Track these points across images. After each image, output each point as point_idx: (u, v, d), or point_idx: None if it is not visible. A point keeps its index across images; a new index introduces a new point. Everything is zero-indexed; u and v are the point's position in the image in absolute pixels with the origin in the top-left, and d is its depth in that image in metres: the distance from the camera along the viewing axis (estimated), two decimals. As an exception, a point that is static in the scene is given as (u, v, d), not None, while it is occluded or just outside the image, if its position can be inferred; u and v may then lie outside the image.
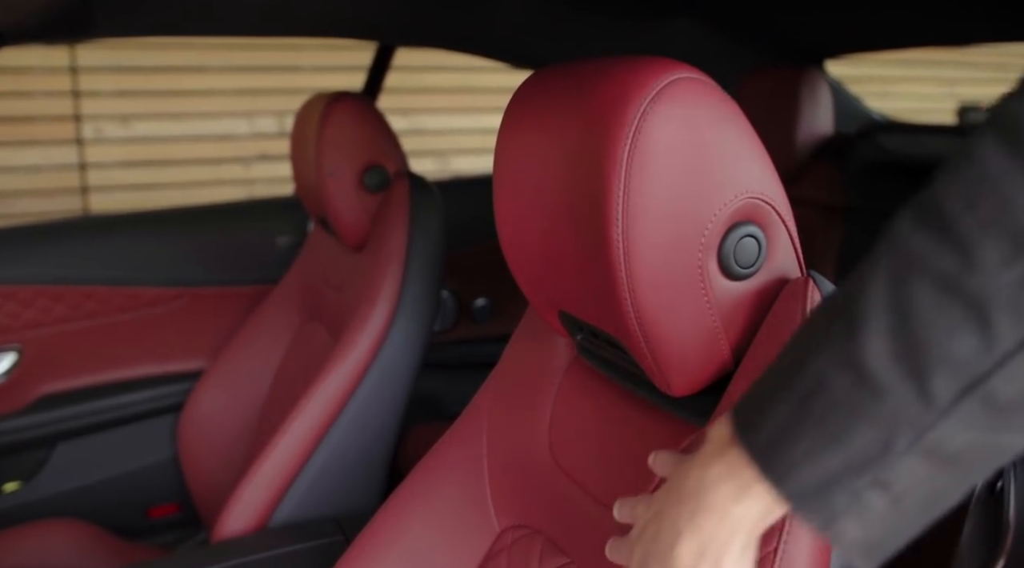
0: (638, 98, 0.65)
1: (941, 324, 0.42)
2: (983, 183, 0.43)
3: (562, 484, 0.87)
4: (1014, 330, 0.41)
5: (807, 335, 0.49)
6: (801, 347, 0.49)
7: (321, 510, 1.36)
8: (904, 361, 0.43)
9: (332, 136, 1.42)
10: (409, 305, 1.38)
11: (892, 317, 0.44)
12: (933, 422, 0.43)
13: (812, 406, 0.46)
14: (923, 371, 0.43)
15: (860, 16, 1.59)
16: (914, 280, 0.44)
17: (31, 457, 1.75)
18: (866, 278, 0.46)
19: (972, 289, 0.42)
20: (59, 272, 1.75)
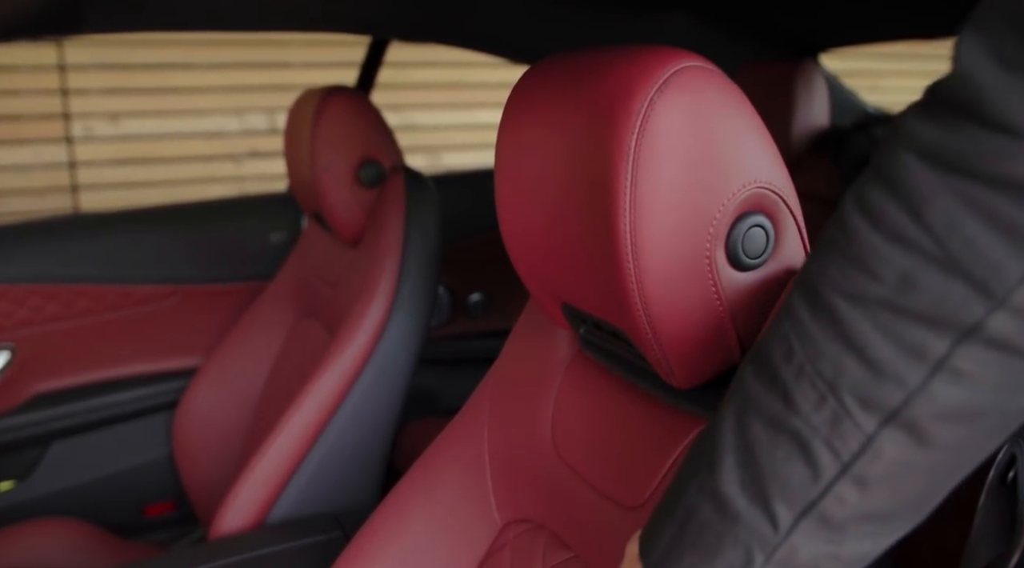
0: (645, 88, 0.65)
1: (776, 457, 0.49)
2: (796, 337, 0.49)
3: (565, 478, 0.87)
4: (834, 461, 0.48)
5: (685, 468, 0.57)
6: (681, 478, 0.57)
7: (319, 506, 1.35)
8: (751, 489, 0.50)
9: (326, 131, 1.41)
10: (406, 300, 1.37)
11: (739, 453, 0.52)
12: (780, 541, 0.50)
13: (687, 530, 0.54)
14: (766, 498, 0.50)
15: (853, 9, 1.60)
16: (752, 420, 0.51)
17: (25, 456, 1.73)
18: (721, 417, 0.54)
19: (795, 427, 0.49)
20: (51, 270, 1.74)
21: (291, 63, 3.10)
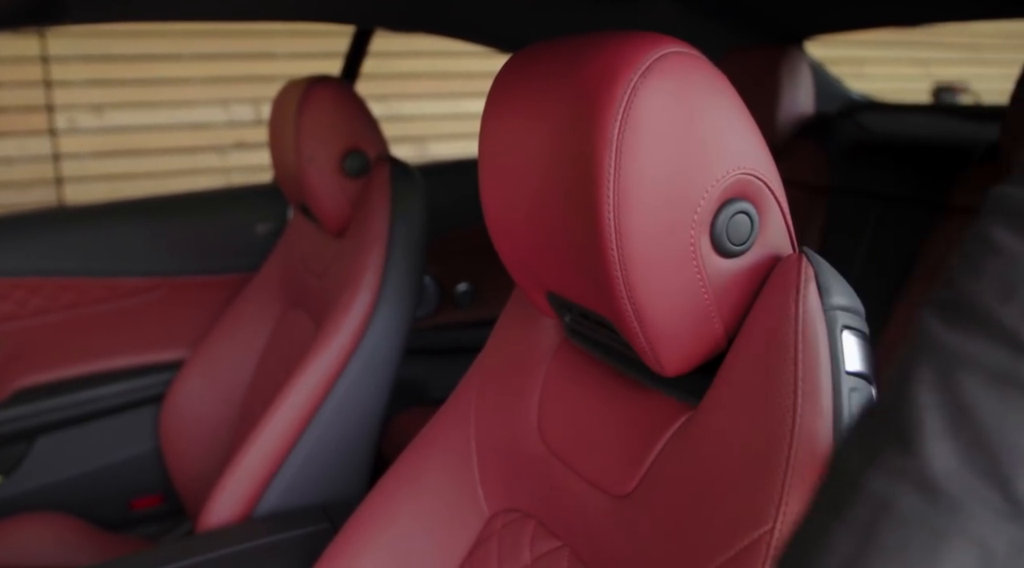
0: (627, 73, 0.64)
1: (1009, 420, 0.38)
2: (1013, 270, 0.40)
3: (552, 466, 0.87)
4: None
5: (847, 458, 0.43)
6: (842, 473, 0.43)
7: (307, 498, 1.34)
8: (975, 465, 0.39)
9: (311, 121, 1.41)
10: (392, 291, 1.36)
11: (951, 420, 0.40)
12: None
13: (879, 534, 0.40)
14: (1001, 474, 0.38)
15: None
16: (965, 378, 0.40)
17: (11, 451, 1.72)
18: (902, 386, 0.41)
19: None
20: (35, 264, 1.73)
21: (276, 53, 3.08)
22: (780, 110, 1.68)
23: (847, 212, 1.61)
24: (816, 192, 1.66)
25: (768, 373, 0.66)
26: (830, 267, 0.69)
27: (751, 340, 0.68)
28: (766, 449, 0.64)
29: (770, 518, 0.63)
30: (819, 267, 0.68)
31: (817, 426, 0.64)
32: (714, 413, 0.69)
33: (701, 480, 0.68)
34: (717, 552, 0.65)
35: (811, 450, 0.63)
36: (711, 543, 0.66)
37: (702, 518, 0.67)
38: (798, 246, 0.72)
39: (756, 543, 0.63)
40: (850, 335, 0.66)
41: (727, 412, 0.68)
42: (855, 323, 0.67)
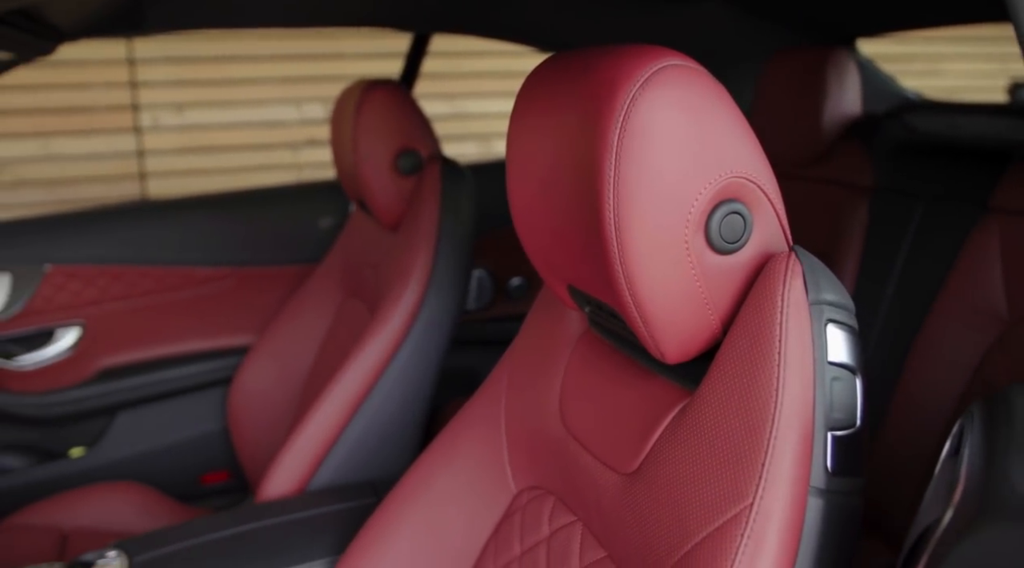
0: (627, 85, 0.70)
1: None
2: None
3: (571, 447, 0.94)
4: None
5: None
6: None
7: (357, 475, 1.43)
8: None
9: (367, 122, 1.49)
10: (440, 283, 1.44)
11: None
12: None
13: None
14: None
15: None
16: None
17: (94, 425, 1.86)
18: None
19: None
20: (118, 253, 1.86)
21: (346, 54, 3.19)
22: (826, 111, 1.71)
23: (890, 211, 1.64)
24: (859, 192, 1.68)
25: (754, 361, 0.71)
26: (822, 265, 0.74)
27: (742, 331, 0.73)
28: (750, 432, 0.70)
29: (750, 494, 0.69)
30: (808, 264, 0.73)
31: (797, 411, 0.69)
32: (707, 398, 0.75)
33: (694, 459, 0.74)
34: (704, 525, 0.71)
35: (792, 432, 0.69)
36: (700, 517, 0.72)
37: (693, 494, 0.73)
38: (839, 244, 0.76)
39: (737, 517, 0.69)
40: (835, 328, 0.72)
41: (718, 397, 0.74)
42: (842, 318, 0.72)
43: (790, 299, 0.71)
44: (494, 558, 1.02)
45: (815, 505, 0.69)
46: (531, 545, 0.97)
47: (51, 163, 2.94)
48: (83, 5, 1.35)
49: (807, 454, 0.69)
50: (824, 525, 0.69)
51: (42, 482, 1.84)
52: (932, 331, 1.50)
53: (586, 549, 0.89)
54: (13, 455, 1.86)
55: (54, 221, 1.86)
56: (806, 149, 1.76)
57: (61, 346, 1.86)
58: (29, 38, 1.37)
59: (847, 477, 0.70)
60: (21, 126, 2.88)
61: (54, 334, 1.86)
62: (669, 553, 0.74)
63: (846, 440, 0.71)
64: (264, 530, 1.26)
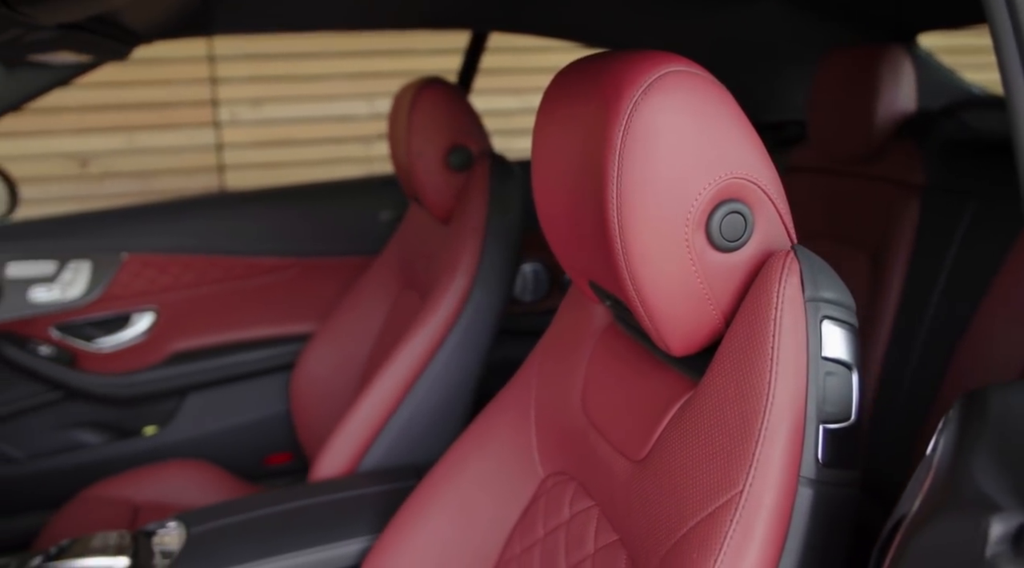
0: (631, 90, 0.74)
1: None
2: None
3: (590, 435, 0.98)
4: None
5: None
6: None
7: (403, 459, 1.50)
8: None
9: (420, 120, 1.55)
10: (486, 274, 1.49)
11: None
12: None
13: None
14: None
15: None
16: None
17: (166, 405, 1.97)
18: None
19: None
20: (190, 243, 1.96)
21: (417, 50, 3.26)
22: (879, 109, 1.70)
23: (941, 210, 1.63)
24: (911, 189, 1.67)
25: (750, 355, 0.74)
26: (823, 264, 0.77)
27: (740, 325, 0.76)
28: (744, 422, 0.73)
29: (741, 482, 0.72)
30: (807, 262, 0.75)
31: (788, 403, 0.72)
32: (708, 389, 0.78)
33: (693, 447, 0.78)
34: (698, 510, 0.75)
35: (784, 423, 0.72)
36: (695, 502, 0.75)
37: (690, 481, 0.77)
38: (891, 243, 0.77)
39: (728, 503, 0.72)
40: (832, 325, 0.74)
41: (717, 389, 0.77)
42: (840, 315, 0.75)
43: (785, 295, 0.73)
44: (520, 540, 1.07)
45: (805, 494, 0.71)
46: (553, 528, 1.02)
47: (135, 156, 3.09)
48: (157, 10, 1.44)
49: (798, 445, 0.72)
50: (814, 513, 0.72)
51: (116, 458, 1.95)
52: (979, 330, 1.49)
53: (600, 532, 0.93)
54: (91, 431, 1.98)
55: (131, 212, 1.97)
56: (859, 146, 1.76)
57: (136, 330, 1.97)
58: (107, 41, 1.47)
59: (838, 469, 0.73)
60: (108, 121, 3.04)
61: (130, 319, 1.97)
62: (668, 536, 0.77)
63: (839, 433, 0.73)
64: (313, 507, 1.33)
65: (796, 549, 0.71)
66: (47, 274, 1.90)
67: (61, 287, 1.91)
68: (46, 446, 1.94)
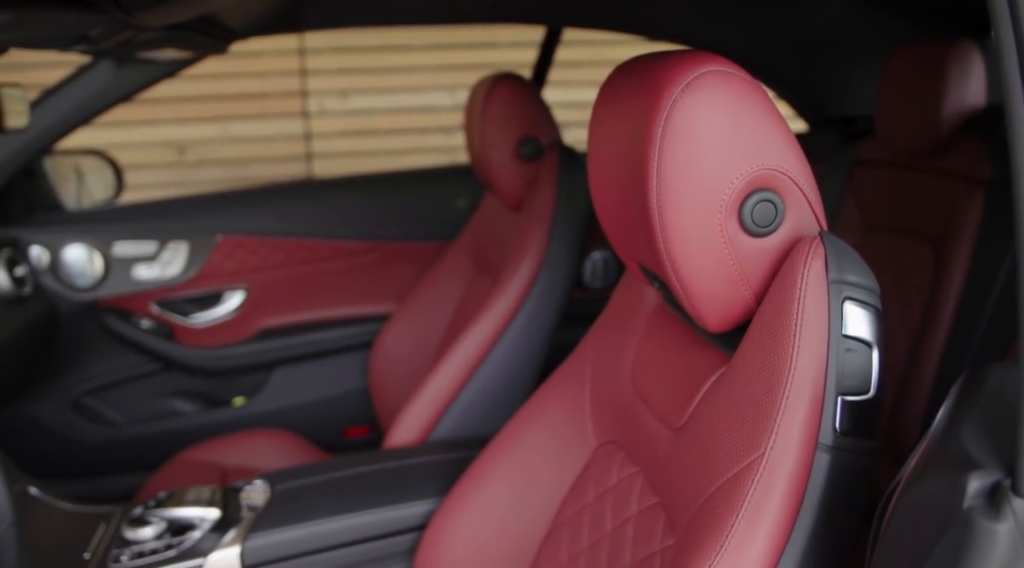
0: (671, 88, 0.81)
1: None
2: None
3: (637, 406, 1.05)
4: None
5: None
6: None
7: (471, 431, 1.59)
8: None
9: (492, 113, 1.64)
10: (553, 259, 1.58)
11: None
12: None
13: None
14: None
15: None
16: None
17: (254, 378, 2.11)
18: None
19: None
20: (278, 226, 2.10)
21: (498, 43, 3.36)
22: (946, 104, 1.72)
23: (1005, 206, 1.64)
24: (976, 185, 1.69)
25: (776, 331, 0.81)
26: (848, 249, 0.83)
27: (769, 304, 0.83)
28: (768, 391, 0.80)
29: (763, 445, 0.79)
30: (833, 248, 0.82)
31: (809, 376, 0.79)
32: (739, 363, 0.85)
33: (723, 415, 0.85)
34: (725, 471, 0.82)
35: (804, 393, 0.78)
36: (723, 464, 0.83)
37: (720, 445, 0.84)
38: (954, 235, 0.81)
39: (751, 465, 0.79)
40: (853, 305, 0.80)
41: (747, 362, 0.84)
42: (862, 296, 0.81)
43: (810, 277, 0.80)
44: (572, 503, 1.15)
45: (822, 459, 0.78)
46: (602, 492, 1.10)
47: (229, 145, 3.27)
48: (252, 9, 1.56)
49: (816, 414, 0.78)
50: (830, 477, 0.78)
51: (208, 425, 2.10)
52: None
53: (643, 495, 1.01)
54: (185, 400, 2.13)
55: (226, 197, 2.12)
56: (925, 140, 1.78)
57: (228, 307, 2.11)
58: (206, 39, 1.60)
59: (855, 437, 0.79)
60: (205, 111, 3.22)
61: (222, 296, 2.11)
62: (698, 495, 0.85)
63: (857, 405, 0.79)
64: (384, 471, 1.44)
65: (813, 507, 0.78)
66: (149, 253, 2.05)
67: (161, 266, 2.06)
68: (145, 412, 2.09)
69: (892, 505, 0.66)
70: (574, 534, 1.13)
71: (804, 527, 0.78)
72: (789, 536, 0.77)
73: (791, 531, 0.77)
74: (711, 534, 0.79)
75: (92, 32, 1.16)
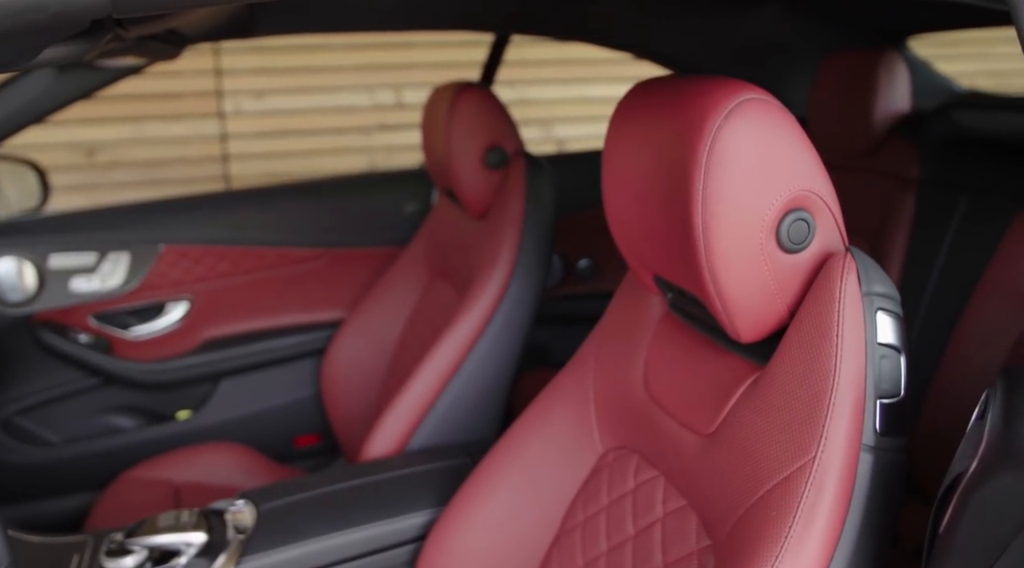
0: (714, 116, 0.86)
1: None
2: None
3: (654, 412, 1.10)
4: None
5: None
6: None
7: (450, 438, 1.61)
8: None
9: (459, 122, 1.66)
10: (525, 266, 1.61)
11: None
12: None
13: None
14: None
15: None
16: None
17: (199, 390, 2.06)
18: None
19: None
20: (224, 234, 2.05)
21: (415, 43, 3.35)
22: (877, 109, 1.84)
23: (935, 203, 1.77)
24: (907, 183, 1.82)
25: (817, 342, 0.87)
26: (872, 262, 0.89)
27: (806, 317, 0.89)
28: (813, 398, 0.86)
29: (813, 449, 0.84)
30: (862, 262, 0.88)
31: (851, 382, 0.85)
32: (777, 371, 0.91)
33: (765, 421, 0.90)
34: (774, 475, 0.87)
35: (848, 399, 0.84)
36: (771, 468, 0.88)
37: (764, 450, 0.89)
38: (888, 232, 0.88)
39: (802, 468, 0.85)
40: (883, 315, 0.87)
41: (786, 371, 0.90)
42: (889, 306, 0.88)
43: (846, 291, 0.86)
44: (583, 508, 1.19)
45: (866, 459, 0.84)
46: (618, 497, 1.14)
47: (142, 146, 3.15)
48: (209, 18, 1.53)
49: (859, 417, 0.84)
50: (873, 475, 0.84)
51: (152, 441, 2.04)
52: (974, 312, 1.64)
53: (668, 498, 1.06)
54: (127, 416, 2.07)
55: (169, 205, 2.06)
56: (858, 143, 1.90)
57: (171, 318, 2.06)
58: (160, 45, 1.55)
59: (892, 437, 0.86)
60: (116, 111, 3.09)
61: (165, 307, 2.06)
62: (744, 499, 0.90)
63: (892, 407, 0.86)
64: (374, 484, 1.44)
65: (860, 505, 0.84)
66: (87, 265, 1.98)
67: (101, 277, 1.99)
68: (85, 430, 2.02)
69: (955, 505, 0.73)
70: (589, 538, 1.17)
71: (854, 524, 0.84)
72: (840, 534, 0.83)
73: (842, 529, 0.83)
74: (767, 536, 0.84)
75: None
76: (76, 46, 1.02)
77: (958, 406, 1.59)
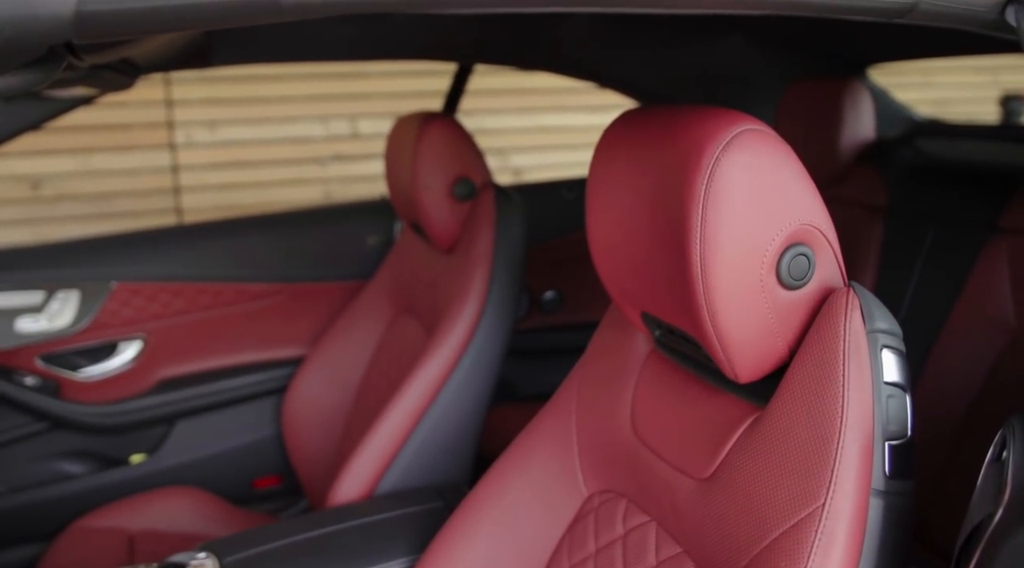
0: (711, 147, 0.83)
1: None
2: None
3: (643, 454, 1.06)
4: None
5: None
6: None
7: (421, 481, 1.55)
8: None
9: (425, 153, 1.61)
10: (496, 300, 1.56)
11: None
12: None
13: None
14: None
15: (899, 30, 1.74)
16: None
17: (154, 433, 1.98)
18: None
19: None
20: (179, 270, 1.97)
21: (370, 72, 3.31)
22: (842, 138, 1.84)
23: (904, 231, 1.76)
24: (875, 212, 1.81)
25: (821, 382, 0.84)
26: (874, 298, 0.86)
27: (809, 356, 0.86)
28: (820, 441, 0.82)
29: (822, 495, 0.81)
30: (864, 298, 0.85)
31: (861, 423, 0.81)
32: (778, 412, 0.87)
33: (767, 465, 0.87)
34: (781, 523, 0.83)
35: (856, 442, 0.81)
36: (776, 516, 0.84)
37: (769, 496, 0.85)
38: (857, 261, 0.87)
39: (811, 515, 0.81)
40: (888, 353, 0.84)
41: (788, 412, 0.86)
42: (893, 343, 0.85)
43: (851, 329, 0.83)
44: (568, 555, 1.14)
45: (876, 504, 0.81)
46: (606, 543, 1.09)
47: (90, 178, 3.05)
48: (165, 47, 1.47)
49: (868, 461, 0.81)
50: (884, 521, 0.81)
51: (105, 487, 1.95)
52: (947, 341, 1.63)
53: (661, 546, 1.01)
54: (77, 461, 1.97)
55: (121, 240, 1.97)
56: (824, 171, 1.89)
57: (123, 359, 1.97)
58: (113, 75, 1.49)
59: (901, 480, 0.82)
60: (62, 143, 2.99)
61: (117, 347, 1.97)
62: (749, 547, 0.86)
63: (900, 448, 0.83)
64: (344, 532, 1.37)
65: (872, 555, 0.80)
66: (34, 304, 1.88)
67: (48, 317, 1.90)
68: (32, 478, 1.92)
69: (981, 552, 0.69)
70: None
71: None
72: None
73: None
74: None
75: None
76: (28, 75, 0.96)
77: (934, 436, 1.57)
